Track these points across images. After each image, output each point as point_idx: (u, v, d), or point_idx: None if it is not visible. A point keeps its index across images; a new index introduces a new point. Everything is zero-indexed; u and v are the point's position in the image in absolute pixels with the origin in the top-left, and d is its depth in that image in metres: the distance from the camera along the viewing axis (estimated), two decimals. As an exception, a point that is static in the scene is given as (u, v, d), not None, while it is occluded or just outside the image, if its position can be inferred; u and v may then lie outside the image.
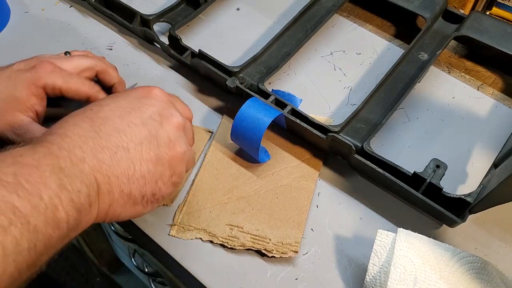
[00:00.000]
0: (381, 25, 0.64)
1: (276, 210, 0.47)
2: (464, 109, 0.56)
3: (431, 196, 0.45)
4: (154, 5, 0.66)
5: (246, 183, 0.49)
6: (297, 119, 0.50)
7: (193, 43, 0.61)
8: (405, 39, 0.62)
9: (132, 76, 0.58)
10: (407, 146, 0.53)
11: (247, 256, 0.46)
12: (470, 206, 0.44)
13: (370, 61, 0.60)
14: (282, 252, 0.45)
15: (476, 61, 0.60)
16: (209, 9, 0.65)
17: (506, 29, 0.57)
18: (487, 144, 0.53)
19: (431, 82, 0.58)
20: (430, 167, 0.46)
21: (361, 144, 0.49)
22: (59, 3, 0.67)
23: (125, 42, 0.63)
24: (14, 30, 0.63)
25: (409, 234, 0.41)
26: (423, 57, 0.57)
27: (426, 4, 0.60)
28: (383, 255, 0.41)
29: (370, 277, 0.41)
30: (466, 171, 0.51)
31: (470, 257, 0.40)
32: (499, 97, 0.57)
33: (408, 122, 0.55)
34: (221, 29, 0.64)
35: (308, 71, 0.59)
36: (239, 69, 0.54)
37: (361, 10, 0.66)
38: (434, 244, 0.41)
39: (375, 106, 0.53)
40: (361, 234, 0.47)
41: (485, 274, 0.40)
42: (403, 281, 0.38)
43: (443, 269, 0.39)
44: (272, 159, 0.51)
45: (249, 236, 0.46)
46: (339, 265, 0.45)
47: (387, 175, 0.46)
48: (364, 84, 0.58)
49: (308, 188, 0.49)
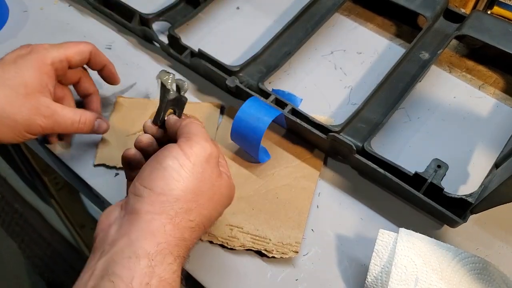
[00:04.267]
0: (382, 24, 0.64)
1: (276, 210, 0.47)
2: (465, 108, 0.56)
3: (432, 196, 0.45)
4: (153, 4, 0.66)
5: (246, 183, 0.49)
6: (298, 119, 0.50)
7: (192, 42, 0.61)
8: (406, 39, 0.62)
9: (131, 76, 0.58)
10: (408, 146, 0.53)
11: (247, 257, 0.45)
12: (471, 206, 0.44)
13: (370, 60, 0.60)
14: (282, 253, 0.44)
15: (477, 61, 0.60)
16: (208, 8, 0.64)
17: (507, 28, 0.56)
18: (489, 144, 0.53)
19: (432, 82, 0.58)
20: (431, 167, 0.46)
21: (362, 144, 0.48)
22: (58, 2, 0.67)
23: (124, 41, 0.62)
24: (13, 29, 0.63)
25: (410, 234, 0.41)
26: (424, 56, 0.57)
27: (427, 3, 0.59)
28: (384, 255, 0.41)
29: (372, 277, 0.41)
30: (467, 171, 0.51)
31: (471, 257, 0.40)
32: (501, 96, 0.57)
33: (409, 122, 0.55)
34: (221, 28, 0.64)
35: (309, 70, 0.59)
36: (239, 69, 0.54)
37: (362, 9, 0.66)
38: (436, 244, 0.40)
39: (376, 106, 0.52)
40: (361, 234, 0.47)
41: (487, 274, 0.40)
42: (404, 281, 0.38)
43: (445, 270, 0.39)
44: (272, 159, 0.51)
45: (249, 236, 0.45)
46: (340, 265, 0.45)
47: (388, 175, 0.46)
48: (365, 83, 0.58)
49: (309, 188, 0.49)
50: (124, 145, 0.51)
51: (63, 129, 0.46)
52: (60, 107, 0.45)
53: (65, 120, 0.45)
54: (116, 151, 0.51)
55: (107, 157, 0.51)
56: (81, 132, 0.47)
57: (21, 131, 0.43)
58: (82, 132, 0.47)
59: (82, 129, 0.47)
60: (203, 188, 0.36)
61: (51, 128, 0.45)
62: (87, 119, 0.47)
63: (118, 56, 0.60)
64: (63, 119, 0.45)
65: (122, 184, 0.49)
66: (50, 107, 0.44)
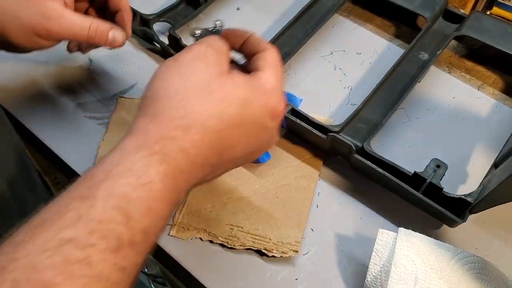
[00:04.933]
0: (381, 25, 0.64)
1: (276, 210, 0.47)
2: (464, 109, 0.56)
3: (431, 196, 0.45)
4: (153, 4, 0.66)
5: (246, 183, 0.49)
6: (297, 119, 0.50)
7: (192, 42, 0.61)
8: (405, 39, 0.62)
9: (131, 76, 0.58)
10: (408, 146, 0.53)
11: (247, 256, 0.45)
12: (471, 206, 0.44)
13: (370, 61, 0.60)
14: (282, 252, 0.45)
15: (477, 61, 0.60)
16: (209, 8, 0.64)
17: (507, 29, 0.57)
18: (488, 144, 0.53)
19: (431, 82, 0.58)
20: (431, 167, 0.46)
21: (362, 144, 0.48)
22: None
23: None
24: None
25: (410, 234, 0.41)
26: (423, 57, 0.57)
27: (426, 3, 0.60)
28: (384, 255, 0.41)
29: (371, 276, 0.41)
30: (466, 171, 0.51)
31: (470, 257, 0.40)
32: (500, 97, 0.57)
33: (408, 122, 0.55)
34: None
35: (308, 70, 0.59)
36: (239, 69, 0.54)
37: (361, 10, 0.66)
38: (435, 244, 0.41)
39: (375, 106, 0.53)
40: (361, 234, 0.47)
41: (486, 274, 0.40)
42: (404, 281, 0.38)
43: (444, 269, 0.39)
44: (272, 159, 0.51)
45: (249, 235, 0.46)
46: (339, 265, 0.45)
47: (388, 175, 0.46)
48: (364, 84, 0.58)
49: (309, 188, 0.49)
50: (124, 145, 0.51)
51: (72, 35, 0.44)
52: (69, 12, 0.44)
53: (72, 25, 0.44)
54: (117, 151, 0.51)
55: (108, 157, 0.51)
56: (93, 41, 0.46)
57: (30, 34, 0.43)
58: (94, 42, 0.46)
59: (93, 38, 0.45)
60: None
61: (57, 33, 0.44)
62: (98, 27, 0.45)
63: (119, 56, 0.60)
64: (70, 23, 0.44)
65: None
66: (57, 10, 0.43)
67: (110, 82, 0.58)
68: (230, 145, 0.32)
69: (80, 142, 0.53)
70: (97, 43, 0.46)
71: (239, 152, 0.34)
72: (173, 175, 0.29)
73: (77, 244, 0.24)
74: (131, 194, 0.27)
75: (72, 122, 0.54)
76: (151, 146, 0.29)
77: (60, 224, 0.25)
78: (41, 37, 0.43)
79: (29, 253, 0.24)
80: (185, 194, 0.33)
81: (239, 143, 0.33)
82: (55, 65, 0.59)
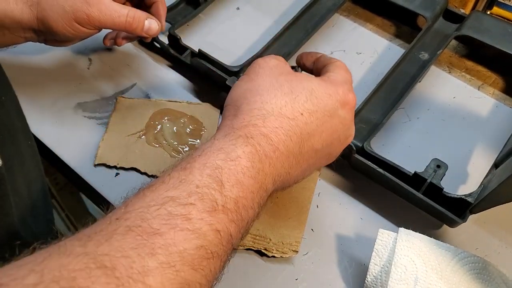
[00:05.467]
0: (382, 24, 0.64)
1: (276, 210, 0.47)
2: (464, 109, 0.56)
3: (431, 196, 0.45)
4: (154, 4, 0.66)
5: (246, 183, 0.49)
6: (298, 119, 0.50)
7: (192, 42, 0.61)
8: (405, 39, 0.62)
9: (131, 76, 0.58)
10: (408, 146, 0.53)
11: (247, 256, 0.45)
12: (471, 206, 0.44)
13: (370, 60, 0.60)
14: (282, 252, 0.44)
15: (477, 61, 0.60)
16: (209, 8, 0.64)
17: (507, 29, 0.57)
18: (488, 144, 0.53)
19: (431, 82, 0.58)
20: (431, 167, 0.46)
21: (362, 144, 0.48)
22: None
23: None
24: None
25: (410, 234, 0.41)
26: (424, 56, 0.57)
27: (426, 3, 0.60)
28: (384, 255, 0.41)
29: (372, 276, 0.41)
30: (466, 171, 0.51)
31: (471, 257, 0.40)
32: (500, 97, 0.57)
33: (408, 122, 0.55)
34: (221, 28, 0.64)
35: (308, 70, 0.59)
36: (239, 69, 0.54)
37: (362, 10, 0.66)
38: (435, 244, 0.41)
39: (375, 106, 0.53)
40: (361, 234, 0.47)
41: (486, 274, 0.40)
42: (404, 281, 0.38)
43: (444, 269, 0.39)
44: (272, 159, 0.51)
45: (249, 235, 0.45)
46: (339, 265, 0.45)
47: (388, 175, 0.46)
48: (365, 83, 0.58)
49: (309, 188, 0.49)
50: (124, 145, 0.51)
51: (111, 22, 0.46)
52: (108, 0, 0.46)
53: (111, 12, 0.46)
54: (117, 151, 0.51)
55: (108, 157, 0.51)
56: (130, 29, 0.47)
57: (70, 20, 0.45)
58: (131, 30, 0.48)
59: (130, 25, 0.47)
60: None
61: (97, 19, 0.45)
62: (135, 15, 0.47)
63: (118, 57, 0.60)
64: (109, 10, 0.46)
65: (122, 183, 0.49)
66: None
67: (110, 82, 0.58)
68: (308, 132, 0.36)
69: (79, 142, 0.53)
70: (133, 31, 0.48)
71: (318, 142, 0.37)
72: (258, 157, 0.33)
73: (179, 202, 0.29)
74: (222, 165, 0.32)
75: (71, 122, 0.54)
76: (236, 133, 0.34)
77: (164, 187, 0.30)
78: (81, 24, 0.46)
79: (139, 208, 0.28)
80: (273, 185, 0.35)
81: (316, 132, 0.37)
82: (55, 65, 0.58)
